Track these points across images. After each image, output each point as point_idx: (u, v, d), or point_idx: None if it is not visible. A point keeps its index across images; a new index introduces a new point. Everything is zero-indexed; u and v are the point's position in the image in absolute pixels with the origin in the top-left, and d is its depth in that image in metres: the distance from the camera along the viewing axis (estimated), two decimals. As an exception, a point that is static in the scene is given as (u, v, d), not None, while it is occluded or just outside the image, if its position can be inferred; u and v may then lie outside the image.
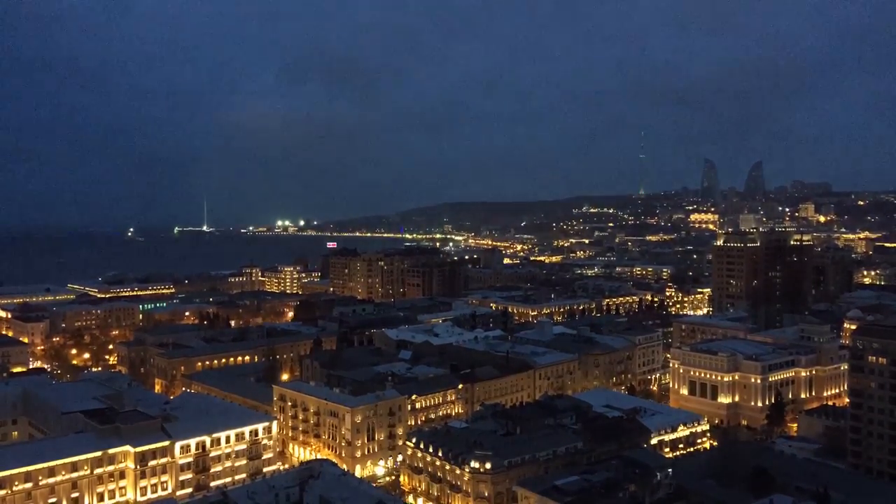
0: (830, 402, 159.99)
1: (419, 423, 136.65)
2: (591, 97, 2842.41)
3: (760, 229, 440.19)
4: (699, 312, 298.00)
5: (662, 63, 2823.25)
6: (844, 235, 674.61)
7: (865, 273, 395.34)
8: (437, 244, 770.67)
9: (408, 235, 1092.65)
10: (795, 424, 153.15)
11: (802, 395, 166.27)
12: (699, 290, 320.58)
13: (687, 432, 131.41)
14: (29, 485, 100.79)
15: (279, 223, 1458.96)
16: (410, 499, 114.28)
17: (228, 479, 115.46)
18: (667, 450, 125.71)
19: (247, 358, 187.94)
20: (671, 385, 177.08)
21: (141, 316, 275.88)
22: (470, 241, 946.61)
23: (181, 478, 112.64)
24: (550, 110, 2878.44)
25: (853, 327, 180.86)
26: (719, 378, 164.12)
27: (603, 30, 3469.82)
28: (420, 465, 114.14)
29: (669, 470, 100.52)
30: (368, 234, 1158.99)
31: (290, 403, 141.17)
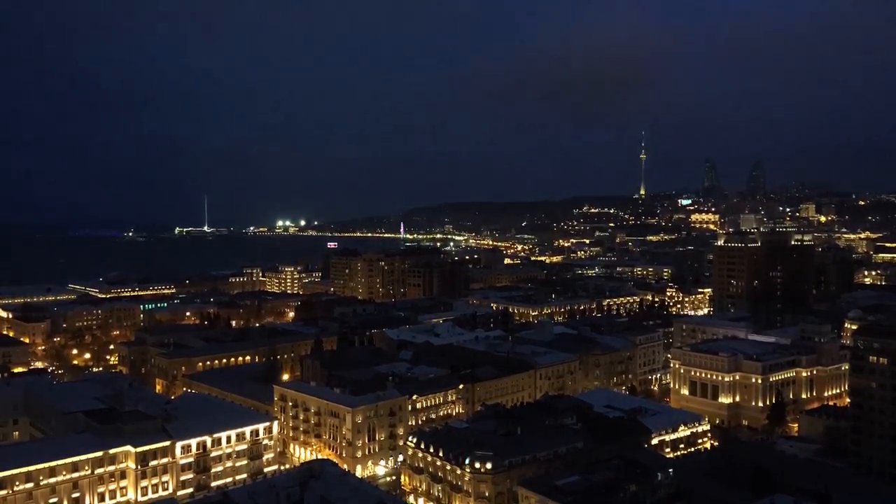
0: (831, 403, 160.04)
1: (420, 423, 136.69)
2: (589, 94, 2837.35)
3: (761, 229, 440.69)
4: (700, 312, 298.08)
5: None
6: (845, 235, 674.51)
7: (866, 273, 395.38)
8: (438, 244, 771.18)
9: (408, 235, 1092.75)
10: (796, 424, 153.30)
11: (803, 396, 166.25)
12: (700, 290, 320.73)
13: (688, 432, 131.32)
14: (30, 485, 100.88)
15: (279, 223, 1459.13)
16: (411, 499, 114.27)
17: (229, 480, 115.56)
18: (667, 450, 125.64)
19: (247, 358, 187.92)
20: (672, 385, 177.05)
21: (142, 316, 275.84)
22: (471, 241, 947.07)
23: (182, 478, 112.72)
24: (551, 109, 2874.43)
25: (854, 327, 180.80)
26: (720, 378, 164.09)
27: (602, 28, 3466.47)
28: (421, 466, 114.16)
29: (670, 470, 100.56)
30: (369, 234, 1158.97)
31: (290, 403, 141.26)
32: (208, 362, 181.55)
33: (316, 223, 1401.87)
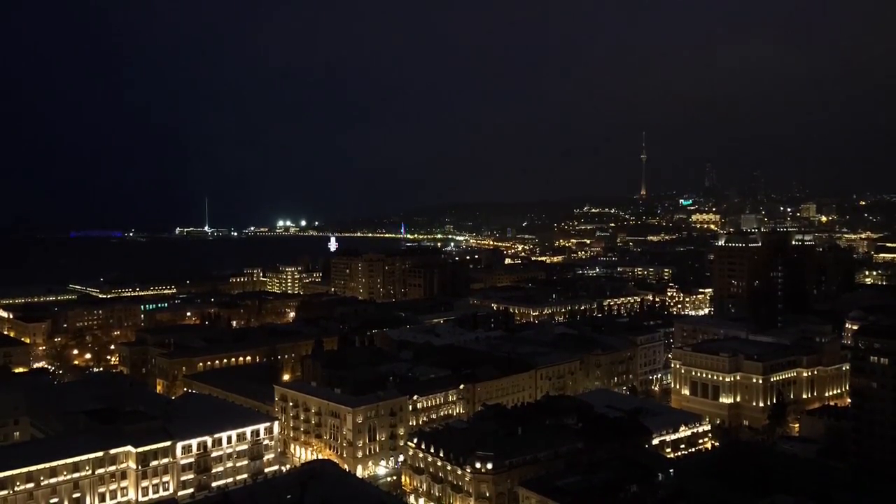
0: (832, 403, 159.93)
1: (420, 423, 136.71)
2: (590, 94, 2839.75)
3: (762, 229, 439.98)
4: (700, 313, 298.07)
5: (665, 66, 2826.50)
6: (846, 235, 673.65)
7: (867, 273, 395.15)
8: (439, 244, 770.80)
9: (409, 236, 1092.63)
10: (797, 425, 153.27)
11: (804, 396, 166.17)
12: (700, 290, 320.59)
13: (688, 433, 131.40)
14: (31, 485, 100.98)
15: (280, 223, 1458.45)
16: (412, 499, 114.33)
17: (230, 480, 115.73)
18: (668, 450, 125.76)
19: (248, 358, 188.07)
20: (672, 385, 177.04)
21: (142, 316, 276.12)
22: (471, 241, 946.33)
23: (182, 478, 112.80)
24: (551, 110, 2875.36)
25: (855, 327, 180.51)
26: (721, 378, 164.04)
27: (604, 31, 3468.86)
28: (421, 466, 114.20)
29: (671, 470, 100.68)
30: (370, 235, 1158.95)
31: (291, 404, 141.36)
32: (209, 362, 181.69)
33: (317, 223, 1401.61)
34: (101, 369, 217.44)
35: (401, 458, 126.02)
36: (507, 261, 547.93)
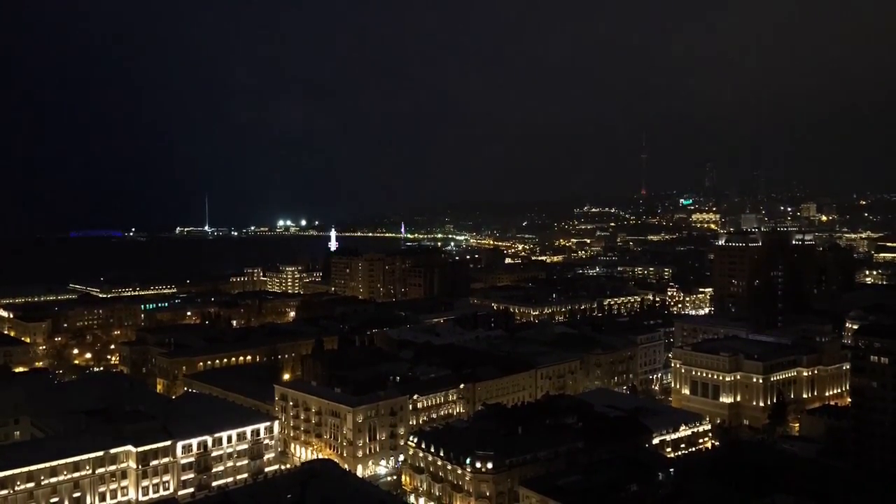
0: (832, 402, 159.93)
1: (421, 422, 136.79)
2: (591, 95, 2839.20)
3: (762, 229, 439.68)
4: (701, 312, 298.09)
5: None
6: (846, 235, 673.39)
7: (867, 272, 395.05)
8: (439, 244, 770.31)
9: (409, 235, 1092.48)
10: (797, 424, 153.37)
11: (804, 395, 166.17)
12: (701, 289, 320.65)
13: (688, 432, 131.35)
14: (31, 484, 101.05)
15: (280, 223, 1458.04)
16: (412, 499, 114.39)
17: (230, 479, 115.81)
18: (668, 450, 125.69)
19: (248, 358, 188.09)
20: (673, 385, 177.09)
21: (143, 316, 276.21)
22: (471, 240, 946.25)
23: (183, 477, 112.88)
24: (552, 108, 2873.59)
25: (855, 327, 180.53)
26: (721, 378, 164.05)
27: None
28: (422, 465, 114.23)
29: (671, 470, 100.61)
30: (370, 234, 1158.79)
31: (291, 403, 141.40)
32: (209, 362, 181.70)
33: (317, 223, 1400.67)
34: (102, 369, 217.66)
35: (401, 457, 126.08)
36: (507, 260, 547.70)
